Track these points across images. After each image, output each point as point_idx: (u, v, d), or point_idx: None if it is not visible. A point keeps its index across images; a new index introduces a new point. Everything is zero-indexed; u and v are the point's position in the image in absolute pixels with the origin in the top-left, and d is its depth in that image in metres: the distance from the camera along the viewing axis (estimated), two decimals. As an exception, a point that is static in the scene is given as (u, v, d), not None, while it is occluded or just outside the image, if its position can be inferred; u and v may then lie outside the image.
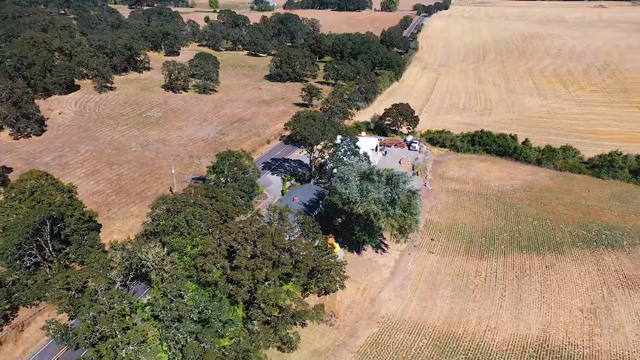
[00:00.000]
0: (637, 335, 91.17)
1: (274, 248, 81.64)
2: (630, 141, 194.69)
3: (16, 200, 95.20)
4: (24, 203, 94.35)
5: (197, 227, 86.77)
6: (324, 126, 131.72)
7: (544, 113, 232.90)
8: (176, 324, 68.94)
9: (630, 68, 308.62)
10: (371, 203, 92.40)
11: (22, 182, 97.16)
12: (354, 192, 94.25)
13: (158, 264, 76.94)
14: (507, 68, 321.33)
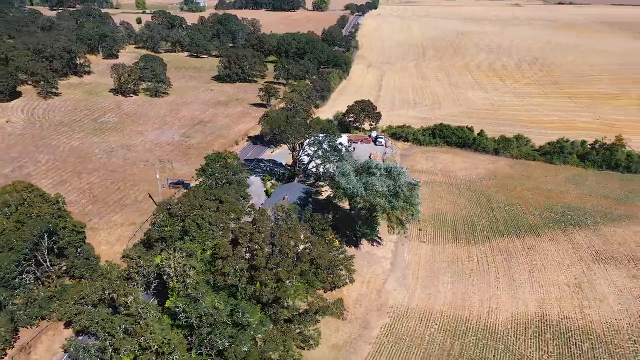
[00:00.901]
0: (620, 305, 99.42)
1: (293, 246, 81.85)
2: (569, 129, 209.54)
3: (0, 214, 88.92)
4: (12, 217, 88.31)
5: (208, 230, 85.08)
6: (307, 123, 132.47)
7: (488, 105, 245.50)
8: (213, 330, 67.60)
9: (554, 62, 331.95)
10: (376, 196, 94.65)
11: (6, 194, 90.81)
12: (358, 187, 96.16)
13: (180, 271, 74.80)
14: (445, 64, 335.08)
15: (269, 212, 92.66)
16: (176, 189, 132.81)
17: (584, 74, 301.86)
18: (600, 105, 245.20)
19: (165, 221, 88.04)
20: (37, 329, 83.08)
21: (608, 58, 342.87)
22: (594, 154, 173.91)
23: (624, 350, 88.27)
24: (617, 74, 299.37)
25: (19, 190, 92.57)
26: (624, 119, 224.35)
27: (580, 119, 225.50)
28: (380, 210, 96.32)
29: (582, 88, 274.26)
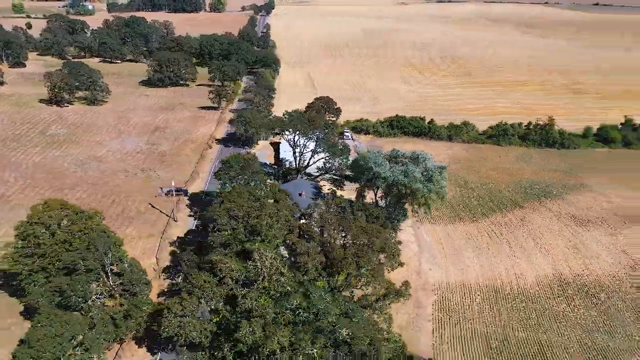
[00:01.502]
0: (612, 259, 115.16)
1: (363, 234, 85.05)
2: (494, 114, 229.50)
3: (43, 238, 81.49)
4: (58, 236, 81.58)
5: (277, 230, 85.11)
6: (309, 121, 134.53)
7: (417, 97, 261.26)
8: (332, 322, 69.02)
9: (464, 55, 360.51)
10: (417, 182, 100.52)
11: (46, 213, 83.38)
12: (397, 174, 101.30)
13: (272, 270, 74.60)
14: (367, 61, 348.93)
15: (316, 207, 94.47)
16: (177, 197, 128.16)
17: (491, 64, 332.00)
18: (511, 92, 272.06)
19: (225, 225, 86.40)
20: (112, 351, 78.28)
21: (509, 50, 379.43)
22: (533, 134, 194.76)
23: (632, 296, 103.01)
24: (519, 64, 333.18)
25: (55, 208, 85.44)
26: (536, 103, 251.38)
27: (500, 105, 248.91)
28: (419, 195, 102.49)
29: (492, 77, 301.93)
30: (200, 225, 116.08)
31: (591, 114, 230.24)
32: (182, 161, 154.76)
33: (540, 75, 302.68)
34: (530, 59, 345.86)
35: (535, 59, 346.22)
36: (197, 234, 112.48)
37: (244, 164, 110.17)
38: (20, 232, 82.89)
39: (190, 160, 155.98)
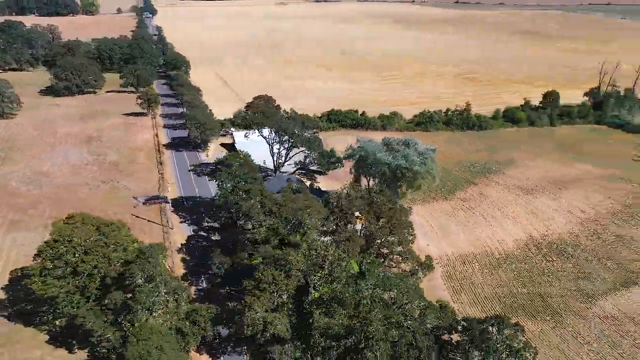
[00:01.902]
0: (563, 218, 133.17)
1: (396, 214, 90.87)
2: (408, 104, 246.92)
3: (72, 253, 75.84)
4: (96, 250, 76.55)
5: (316, 219, 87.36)
6: (294, 120, 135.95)
7: (332, 92, 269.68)
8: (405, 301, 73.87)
9: (364, 51, 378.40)
10: (417, 164, 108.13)
11: (75, 228, 77.50)
12: (400, 159, 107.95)
13: (336, 257, 77.22)
14: (273, 60, 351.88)
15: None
16: (155, 205, 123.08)
17: (390, 59, 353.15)
18: (417, 83, 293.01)
19: (262, 222, 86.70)
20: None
21: (401, 45, 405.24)
22: (455, 119, 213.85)
23: (590, 246, 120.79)
24: (415, 58, 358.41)
25: (83, 222, 79.79)
26: (441, 92, 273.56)
27: (411, 95, 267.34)
28: (418, 177, 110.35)
29: (396, 71, 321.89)
30: (198, 230, 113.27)
31: (489, 98, 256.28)
32: (141, 169, 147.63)
33: (437, 67, 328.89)
34: (423, 53, 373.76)
35: (427, 53, 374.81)
36: (200, 239, 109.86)
37: (243, 161, 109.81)
38: (50, 253, 76.29)
39: (149, 168, 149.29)
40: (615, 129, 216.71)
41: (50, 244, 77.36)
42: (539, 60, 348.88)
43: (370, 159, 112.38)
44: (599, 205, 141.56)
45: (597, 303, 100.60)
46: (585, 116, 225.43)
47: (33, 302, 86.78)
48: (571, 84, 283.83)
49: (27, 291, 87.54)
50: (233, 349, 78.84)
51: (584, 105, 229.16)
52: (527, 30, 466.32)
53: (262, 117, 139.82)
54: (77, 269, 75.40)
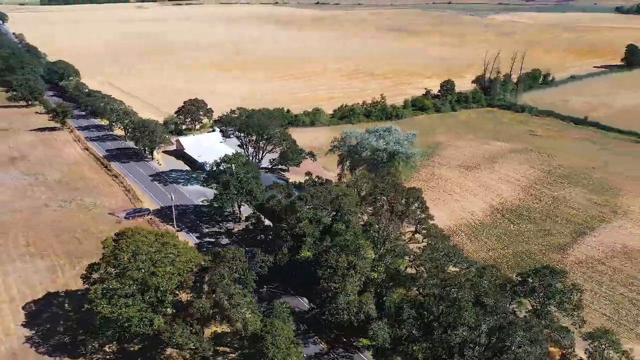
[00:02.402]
0: (508, 187, 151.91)
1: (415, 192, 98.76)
2: (321, 100, 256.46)
3: (137, 268, 71.67)
4: (162, 261, 73.15)
5: (352, 205, 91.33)
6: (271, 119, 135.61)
7: (239, 93, 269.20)
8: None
9: (255, 51, 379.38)
10: (409, 148, 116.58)
11: (136, 241, 73.01)
12: (393, 146, 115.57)
13: (393, 236, 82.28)
14: (164, 64, 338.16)
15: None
16: (140, 217, 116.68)
17: (282, 58, 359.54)
18: (321, 79, 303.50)
19: (306, 214, 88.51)
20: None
21: (289, 44, 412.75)
22: (374, 111, 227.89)
23: (538, 208, 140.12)
24: (309, 56, 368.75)
25: (141, 234, 75.39)
26: (346, 86, 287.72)
27: (321, 92, 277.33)
28: (411, 160, 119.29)
29: (294, 69, 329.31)
30: (202, 237, 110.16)
31: (391, 90, 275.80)
32: (96, 184, 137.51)
33: (333, 64, 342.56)
34: (313, 51, 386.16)
35: (317, 51, 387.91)
36: (210, 244, 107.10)
37: (245, 162, 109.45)
38: (112, 272, 71.26)
39: (105, 182, 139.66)
40: (506, 110, 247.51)
41: (109, 261, 71.99)
42: (417, 53, 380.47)
43: (363, 148, 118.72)
44: (527, 174, 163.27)
45: (568, 252, 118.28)
46: (478, 100, 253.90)
47: (67, 332, 79.59)
48: (453, 73, 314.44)
49: (55, 323, 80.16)
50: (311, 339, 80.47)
51: (476, 92, 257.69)
52: (394, 27, 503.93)
53: (241, 118, 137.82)
54: (147, 283, 71.27)
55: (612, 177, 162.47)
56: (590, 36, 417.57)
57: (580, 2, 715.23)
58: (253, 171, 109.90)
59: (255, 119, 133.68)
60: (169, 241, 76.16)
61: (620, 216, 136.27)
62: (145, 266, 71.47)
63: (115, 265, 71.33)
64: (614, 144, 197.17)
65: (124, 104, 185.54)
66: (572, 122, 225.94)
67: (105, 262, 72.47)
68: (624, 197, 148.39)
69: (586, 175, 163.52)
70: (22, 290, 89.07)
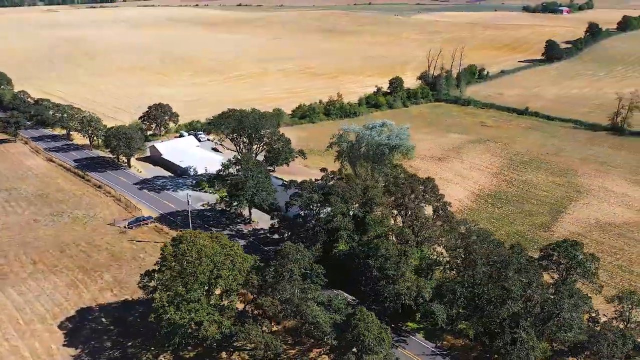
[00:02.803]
0: (481, 175, 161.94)
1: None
2: (271, 100, 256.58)
3: (204, 271, 70.81)
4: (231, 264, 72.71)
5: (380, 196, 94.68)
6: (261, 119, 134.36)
7: (194, 96, 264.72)
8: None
9: (185, 54, 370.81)
10: (408, 141, 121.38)
11: (190, 248, 71.71)
12: (393, 137, 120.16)
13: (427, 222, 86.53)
14: (94, 70, 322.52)
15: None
16: (145, 226, 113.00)
17: (222, 60, 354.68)
18: (266, 81, 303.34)
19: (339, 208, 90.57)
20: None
21: (221, 46, 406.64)
22: (333, 109, 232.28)
23: (512, 192, 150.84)
24: (243, 57, 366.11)
25: (201, 237, 74.21)
26: (292, 87, 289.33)
27: (271, 92, 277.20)
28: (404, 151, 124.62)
29: (234, 71, 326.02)
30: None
31: (340, 89, 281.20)
32: (79, 196, 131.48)
33: (274, 65, 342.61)
34: (249, 53, 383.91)
35: (253, 53, 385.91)
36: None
37: (256, 162, 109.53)
38: (177, 277, 69.78)
39: (87, 193, 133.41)
40: (452, 104, 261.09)
41: (171, 266, 70.23)
42: (354, 53, 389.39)
43: (364, 143, 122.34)
44: (493, 162, 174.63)
45: (552, 230, 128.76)
46: (426, 96, 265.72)
47: (115, 346, 76.59)
48: (393, 72, 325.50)
49: (99, 338, 76.96)
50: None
51: (424, 88, 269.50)
52: (325, 28, 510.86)
53: (234, 118, 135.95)
54: (213, 286, 70.46)
55: (566, 160, 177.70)
56: (510, 33, 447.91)
57: (489, 2, 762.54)
58: (264, 172, 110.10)
59: (251, 118, 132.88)
60: (226, 243, 75.39)
61: (584, 195, 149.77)
62: (209, 268, 70.48)
63: (180, 270, 69.66)
64: (558, 131, 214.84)
65: (81, 111, 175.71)
66: (514, 112, 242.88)
67: (166, 268, 70.41)
68: (582, 177, 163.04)
69: (544, 160, 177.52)
70: (49, 309, 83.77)
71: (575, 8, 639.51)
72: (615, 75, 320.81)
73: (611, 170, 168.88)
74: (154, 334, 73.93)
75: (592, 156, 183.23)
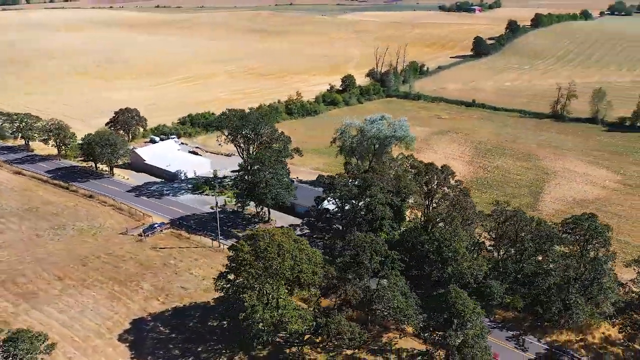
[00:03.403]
0: (459, 164, 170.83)
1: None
2: (225, 103, 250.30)
3: (284, 268, 70.94)
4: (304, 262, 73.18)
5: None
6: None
7: (149, 100, 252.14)
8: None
9: (130, 57, 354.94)
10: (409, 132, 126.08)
11: (272, 246, 71.45)
12: (400, 132, 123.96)
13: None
14: (33, 76, 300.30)
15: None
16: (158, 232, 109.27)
17: (166, 63, 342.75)
18: (215, 82, 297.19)
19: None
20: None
21: (156, 48, 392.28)
22: (295, 108, 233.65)
23: (489, 177, 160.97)
24: (185, 59, 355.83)
25: (278, 234, 73.92)
26: (242, 88, 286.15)
27: (223, 94, 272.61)
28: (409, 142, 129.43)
29: (179, 74, 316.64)
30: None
31: (291, 89, 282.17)
32: (71, 207, 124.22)
33: (218, 67, 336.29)
34: (188, 54, 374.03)
35: (192, 53, 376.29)
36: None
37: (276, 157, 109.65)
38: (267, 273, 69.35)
39: (79, 204, 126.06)
40: (403, 99, 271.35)
41: (251, 264, 69.39)
42: (294, 53, 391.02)
43: (369, 136, 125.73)
44: (462, 151, 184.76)
45: (540, 209, 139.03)
46: (378, 92, 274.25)
47: (186, 353, 74.49)
48: (337, 70, 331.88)
49: (165, 348, 74.67)
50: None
51: (375, 84, 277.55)
52: (255, 28, 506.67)
53: (236, 117, 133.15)
54: (299, 280, 70.72)
55: (524, 147, 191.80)
56: (436, 31, 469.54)
57: (405, 2, 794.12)
58: (286, 169, 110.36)
59: (253, 117, 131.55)
60: (297, 237, 75.65)
61: (552, 176, 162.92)
62: (290, 264, 70.56)
63: (264, 268, 69.04)
64: (508, 120, 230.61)
65: (39, 119, 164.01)
66: (462, 105, 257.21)
67: (249, 267, 69.34)
68: (544, 161, 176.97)
69: (505, 148, 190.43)
70: (100, 323, 78.98)
71: (485, 7, 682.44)
72: (537, 68, 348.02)
73: (566, 153, 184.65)
74: (221, 337, 73.10)
75: (545, 141, 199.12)
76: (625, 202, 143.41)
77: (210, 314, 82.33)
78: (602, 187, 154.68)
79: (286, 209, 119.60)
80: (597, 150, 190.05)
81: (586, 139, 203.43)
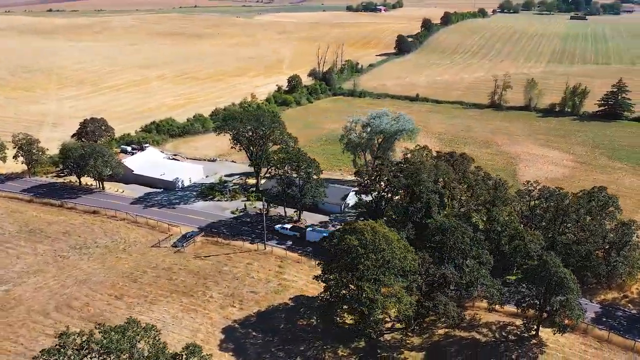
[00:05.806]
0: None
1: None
2: (177, 107, 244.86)
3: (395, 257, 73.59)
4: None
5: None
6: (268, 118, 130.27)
7: (79, 111, 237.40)
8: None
9: (53, 64, 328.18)
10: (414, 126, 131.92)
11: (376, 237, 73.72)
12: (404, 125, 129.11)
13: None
14: None
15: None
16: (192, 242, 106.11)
17: (93, 71, 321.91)
18: (157, 88, 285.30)
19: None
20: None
21: (86, 56, 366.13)
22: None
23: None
24: (110, 66, 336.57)
25: (367, 225, 75.95)
26: (185, 92, 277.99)
27: (167, 99, 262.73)
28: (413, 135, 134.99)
29: (111, 81, 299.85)
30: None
31: (229, 90, 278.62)
32: (79, 225, 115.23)
33: (150, 72, 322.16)
34: (111, 60, 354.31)
35: (115, 59, 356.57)
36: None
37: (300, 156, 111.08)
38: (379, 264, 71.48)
39: (86, 221, 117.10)
40: (350, 97, 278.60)
41: (358, 255, 71.18)
42: (221, 55, 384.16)
43: (379, 131, 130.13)
44: (430, 143, 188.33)
45: (518, 178, 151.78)
46: (324, 91, 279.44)
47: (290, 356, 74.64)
48: (272, 70, 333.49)
49: (267, 352, 74.41)
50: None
51: (320, 83, 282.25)
52: (171, 31, 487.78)
53: (248, 118, 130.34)
54: (404, 269, 73.56)
55: (480, 135, 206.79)
56: (355, 31, 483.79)
57: (310, 2, 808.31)
58: (319, 168, 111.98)
59: (267, 117, 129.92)
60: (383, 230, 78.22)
61: (518, 160, 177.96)
62: (399, 254, 73.14)
63: (375, 260, 70.98)
64: (454, 112, 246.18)
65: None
66: (407, 99, 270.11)
67: (365, 259, 70.82)
68: (504, 147, 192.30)
69: (464, 137, 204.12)
70: (189, 336, 75.77)
71: (389, 6, 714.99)
72: (458, 63, 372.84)
73: (519, 139, 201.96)
74: (317, 334, 74.29)
75: (496, 129, 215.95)
76: (589, 178, 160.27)
77: (295, 313, 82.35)
78: (564, 167, 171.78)
79: (309, 207, 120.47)
80: (542, 134, 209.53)
81: (529, 125, 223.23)
